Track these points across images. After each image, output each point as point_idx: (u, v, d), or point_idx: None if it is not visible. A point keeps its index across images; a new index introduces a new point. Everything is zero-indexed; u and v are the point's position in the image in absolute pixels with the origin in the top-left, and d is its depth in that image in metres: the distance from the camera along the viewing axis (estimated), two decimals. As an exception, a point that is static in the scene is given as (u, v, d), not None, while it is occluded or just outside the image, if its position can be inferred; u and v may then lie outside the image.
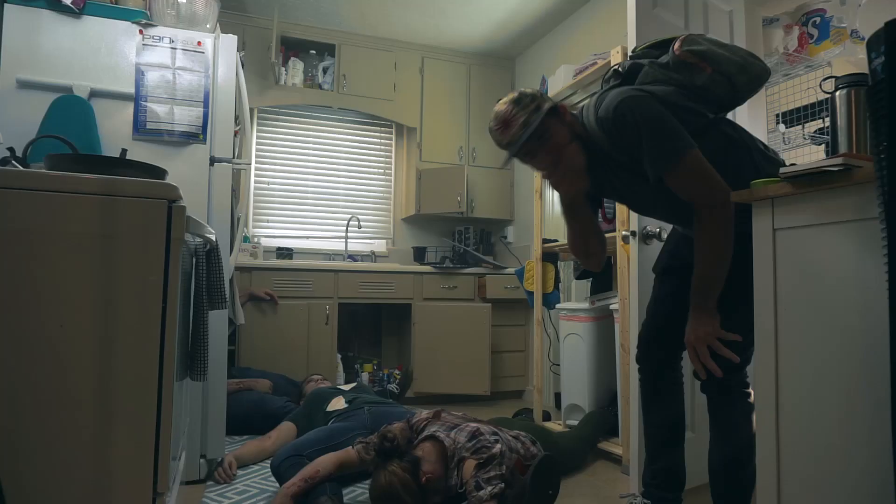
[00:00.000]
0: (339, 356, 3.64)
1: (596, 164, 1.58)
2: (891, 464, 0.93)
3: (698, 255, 1.46)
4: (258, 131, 4.16)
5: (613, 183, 1.64)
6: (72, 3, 2.02)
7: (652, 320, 1.76)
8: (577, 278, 3.17)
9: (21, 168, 1.38)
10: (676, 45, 1.52)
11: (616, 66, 1.66)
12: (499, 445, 1.87)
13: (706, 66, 1.49)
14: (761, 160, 1.54)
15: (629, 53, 1.78)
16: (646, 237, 2.14)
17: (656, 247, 1.91)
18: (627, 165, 1.53)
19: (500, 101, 1.55)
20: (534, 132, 1.48)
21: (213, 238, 1.58)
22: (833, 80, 1.48)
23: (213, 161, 2.19)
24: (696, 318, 1.48)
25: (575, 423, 2.78)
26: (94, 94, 2.05)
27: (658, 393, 1.75)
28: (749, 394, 1.55)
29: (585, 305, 2.88)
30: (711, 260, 1.44)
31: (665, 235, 1.98)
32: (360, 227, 4.24)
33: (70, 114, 1.94)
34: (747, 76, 1.52)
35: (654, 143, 1.43)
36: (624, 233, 2.25)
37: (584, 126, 1.57)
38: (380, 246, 4.41)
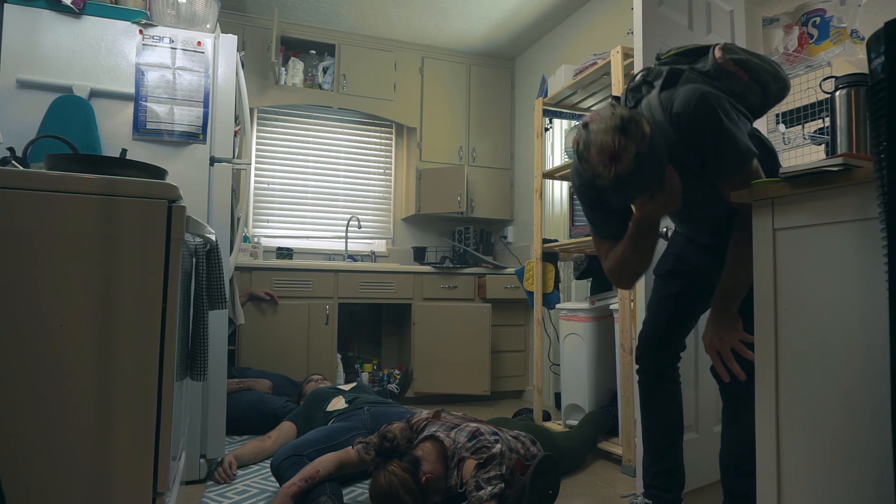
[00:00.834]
0: (339, 356, 3.64)
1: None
2: (891, 464, 0.93)
3: (735, 261, 1.46)
4: (258, 131, 4.16)
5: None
6: (72, 3, 2.02)
7: (653, 321, 1.76)
8: (577, 278, 3.17)
9: (21, 168, 1.38)
10: (717, 53, 1.52)
11: (642, 73, 1.62)
12: (499, 445, 1.87)
13: (744, 74, 1.51)
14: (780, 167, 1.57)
15: (656, 59, 1.73)
16: None
17: (662, 246, 1.92)
18: (686, 167, 1.49)
19: (595, 126, 1.34)
20: (650, 162, 1.32)
21: (213, 238, 1.58)
22: (833, 80, 1.49)
23: (213, 161, 2.19)
24: (719, 322, 1.48)
25: (575, 423, 2.78)
26: (94, 94, 2.05)
27: (658, 393, 1.75)
28: None
29: (585, 305, 2.88)
30: (748, 267, 1.43)
31: (669, 235, 1.98)
32: (360, 227, 4.24)
33: (70, 114, 1.94)
34: (779, 84, 1.54)
35: (734, 142, 1.40)
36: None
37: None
38: (380, 246, 4.41)
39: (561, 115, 3.30)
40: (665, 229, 2.13)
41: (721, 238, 1.56)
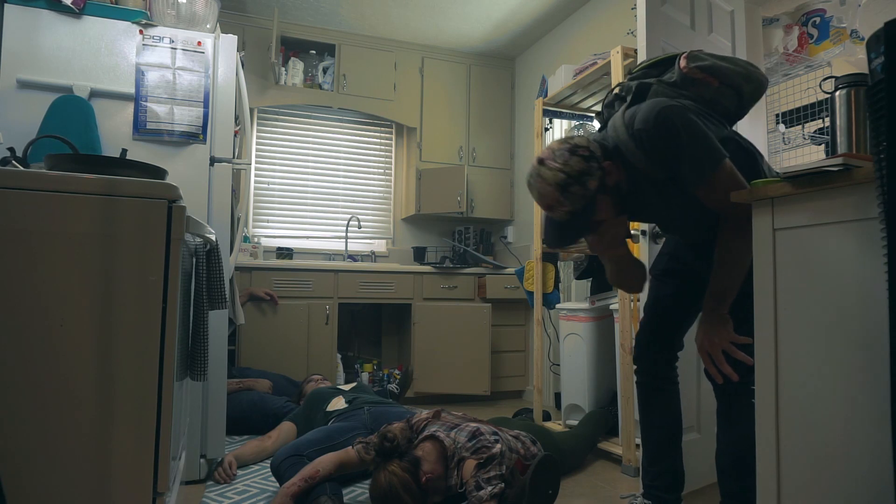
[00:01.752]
0: (339, 356, 3.64)
1: (629, 189, 1.55)
2: (891, 464, 0.93)
3: (722, 263, 1.46)
4: (258, 131, 4.16)
5: (642, 202, 1.59)
6: (72, 3, 2.02)
7: (650, 321, 1.77)
8: (577, 278, 3.17)
9: (21, 168, 1.38)
10: (682, 63, 1.52)
11: (615, 90, 1.64)
12: (499, 445, 1.87)
13: (713, 79, 1.51)
14: (768, 168, 1.57)
15: (628, 74, 1.76)
16: (655, 236, 2.16)
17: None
18: (656, 181, 1.51)
19: (544, 171, 1.43)
20: (580, 219, 1.45)
21: (213, 238, 1.58)
22: (833, 80, 1.49)
23: (213, 161, 2.19)
24: (709, 324, 1.48)
25: (575, 423, 2.78)
26: (94, 94, 2.05)
27: (656, 393, 1.75)
28: None
29: (585, 305, 2.88)
30: (734, 268, 1.44)
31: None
32: (360, 227, 4.24)
33: (70, 114, 1.94)
34: (752, 85, 1.54)
35: (697, 150, 1.40)
36: (633, 232, 2.26)
37: (616, 149, 1.51)
38: (380, 246, 4.41)
39: (561, 115, 3.30)
40: None
41: (709, 238, 1.56)
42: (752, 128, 2.47)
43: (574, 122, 3.28)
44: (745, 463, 1.54)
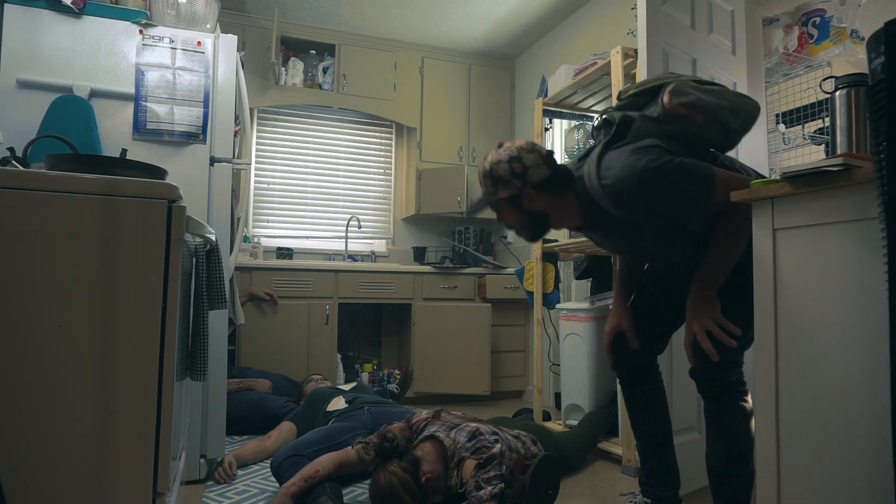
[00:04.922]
0: (339, 356, 3.64)
1: (594, 221, 1.63)
2: (891, 464, 0.93)
3: (718, 246, 1.48)
4: (258, 131, 4.16)
5: (609, 235, 1.67)
6: (72, 3, 2.02)
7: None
8: (577, 278, 3.17)
9: (21, 168, 1.38)
10: (666, 98, 1.51)
11: (604, 116, 1.65)
12: (498, 445, 1.87)
13: (698, 115, 1.49)
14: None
15: (615, 100, 1.77)
16: None
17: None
18: (631, 222, 1.55)
19: (494, 153, 1.58)
20: (489, 204, 1.64)
21: (213, 238, 1.58)
22: (833, 80, 1.49)
23: (213, 161, 2.19)
24: (696, 304, 1.50)
25: (575, 423, 2.78)
26: (94, 94, 2.05)
27: (639, 397, 1.80)
28: (746, 394, 1.56)
29: (585, 305, 2.88)
30: (729, 253, 1.47)
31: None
32: (360, 227, 4.24)
33: (70, 114, 1.94)
34: (741, 118, 1.52)
35: (686, 195, 1.43)
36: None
37: (583, 186, 1.57)
38: (380, 246, 4.41)
39: (561, 116, 3.30)
40: None
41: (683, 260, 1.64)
42: (752, 128, 2.47)
43: (574, 122, 3.28)
44: (733, 464, 1.55)
